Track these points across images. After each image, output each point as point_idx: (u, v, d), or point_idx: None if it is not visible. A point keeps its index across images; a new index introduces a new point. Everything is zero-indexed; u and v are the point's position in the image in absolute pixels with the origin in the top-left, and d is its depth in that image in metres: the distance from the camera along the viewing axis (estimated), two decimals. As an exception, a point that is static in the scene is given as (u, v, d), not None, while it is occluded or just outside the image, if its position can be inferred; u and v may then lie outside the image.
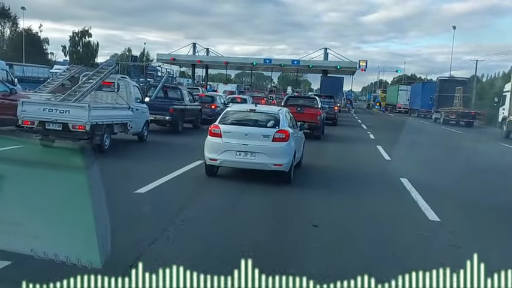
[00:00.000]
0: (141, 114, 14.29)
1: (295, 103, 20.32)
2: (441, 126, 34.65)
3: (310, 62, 63.68)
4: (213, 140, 8.99)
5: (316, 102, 20.61)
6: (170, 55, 66.36)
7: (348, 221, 6.82)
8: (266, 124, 9.17)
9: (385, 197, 8.70)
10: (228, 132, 8.94)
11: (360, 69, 64.35)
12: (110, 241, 2.76)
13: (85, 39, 73.50)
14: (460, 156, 16.47)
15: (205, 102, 22.49)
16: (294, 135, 9.63)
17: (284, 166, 8.82)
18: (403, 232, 6.38)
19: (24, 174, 2.91)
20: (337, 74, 61.73)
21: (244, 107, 11.08)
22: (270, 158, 8.72)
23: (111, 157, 11.00)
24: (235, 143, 8.74)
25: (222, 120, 9.36)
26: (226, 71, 74.44)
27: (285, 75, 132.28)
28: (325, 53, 65.90)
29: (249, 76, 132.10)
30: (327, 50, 66.34)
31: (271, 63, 65.31)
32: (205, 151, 9.02)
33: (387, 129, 26.45)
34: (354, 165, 12.94)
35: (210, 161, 8.97)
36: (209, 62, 68.02)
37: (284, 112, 9.91)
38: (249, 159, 8.72)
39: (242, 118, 9.47)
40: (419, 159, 14.81)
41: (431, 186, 9.56)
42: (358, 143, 19.22)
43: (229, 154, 8.74)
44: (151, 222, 6.08)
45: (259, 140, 8.77)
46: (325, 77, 56.28)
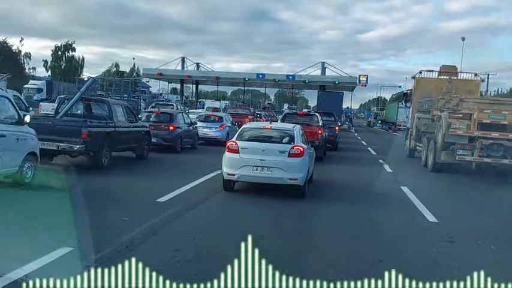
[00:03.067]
0: (12, 144, 8.12)
1: (294, 121, 16.04)
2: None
3: (306, 77, 57.79)
4: (230, 156, 9.25)
5: (317, 119, 17.92)
6: (157, 70, 60.30)
7: None
8: (281, 140, 9.54)
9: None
10: (246, 148, 9.22)
11: (360, 84, 58.49)
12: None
13: (68, 53, 67.35)
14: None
15: (160, 122, 16.25)
16: (308, 150, 9.89)
17: (299, 180, 9.11)
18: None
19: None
20: (336, 89, 55.79)
21: (260, 125, 12.28)
22: (286, 172, 9.00)
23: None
24: (253, 158, 9.03)
25: (239, 136, 9.66)
26: (218, 86, 68.51)
27: (281, 92, 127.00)
28: (323, 68, 59.95)
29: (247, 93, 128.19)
30: (325, 65, 60.58)
31: (265, 79, 59.27)
32: (223, 166, 9.25)
33: (401, 155, 20.16)
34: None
35: (228, 176, 9.21)
36: (199, 77, 61.99)
37: (298, 129, 10.18)
38: (266, 174, 9.01)
39: (258, 134, 9.83)
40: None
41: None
42: (373, 186, 11.93)
43: (247, 169, 9.04)
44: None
45: (275, 155, 9.10)
46: (323, 92, 50.05)
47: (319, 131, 16.36)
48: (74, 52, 67.99)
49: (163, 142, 15.78)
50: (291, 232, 6.98)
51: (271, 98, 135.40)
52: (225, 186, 9.45)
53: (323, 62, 60.61)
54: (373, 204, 9.29)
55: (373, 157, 19.61)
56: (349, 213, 8.48)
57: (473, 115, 13.62)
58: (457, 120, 13.82)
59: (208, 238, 6.25)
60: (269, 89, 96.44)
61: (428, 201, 9.49)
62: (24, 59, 66.30)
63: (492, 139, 13.49)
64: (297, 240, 6.57)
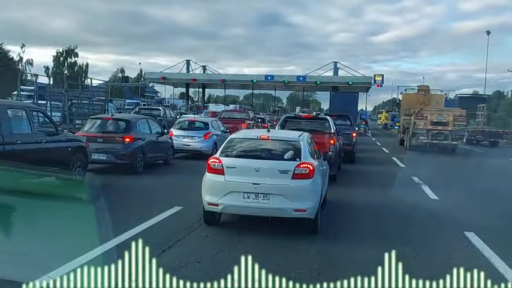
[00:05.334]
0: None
1: (297, 127, 12.43)
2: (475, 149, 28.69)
3: (317, 78, 52.91)
4: (212, 178, 6.77)
5: (329, 125, 13.35)
6: (161, 74, 55.96)
7: None
8: (283, 155, 6.87)
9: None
10: (233, 167, 6.69)
11: (376, 84, 53.17)
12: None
13: (71, 59, 63.47)
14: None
15: (113, 133, 11.68)
16: (319, 167, 7.31)
17: (309, 212, 6.55)
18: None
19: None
20: (349, 90, 50.84)
21: (254, 134, 8.08)
22: (290, 201, 6.47)
23: None
24: (243, 182, 6.54)
25: (224, 151, 6.98)
26: (225, 90, 63.86)
27: (294, 95, 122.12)
28: (335, 68, 55.03)
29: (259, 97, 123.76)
30: (337, 65, 55.67)
31: (274, 80, 54.55)
32: (203, 193, 6.82)
33: (439, 170, 15.59)
34: None
35: (210, 206, 6.73)
36: (204, 81, 57.45)
37: (306, 138, 7.46)
38: (262, 204, 6.49)
39: (251, 148, 7.10)
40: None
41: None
42: (411, 218, 8.47)
43: (235, 197, 6.55)
44: None
45: (274, 177, 6.56)
46: (336, 92, 45.08)
47: (331, 140, 11.77)
48: (76, 58, 63.92)
49: (115, 160, 11.25)
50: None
51: (284, 101, 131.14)
52: (206, 219, 7.02)
53: (335, 62, 55.66)
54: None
55: (403, 172, 14.77)
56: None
57: (428, 117, 22.93)
58: (419, 120, 23.18)
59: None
60: (281, 92, 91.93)
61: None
62: (26, 66, 63.03)
63: (437, 130, 22.71)
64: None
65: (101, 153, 11.16)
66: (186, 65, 57.72)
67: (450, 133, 22.51)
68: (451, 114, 23.19)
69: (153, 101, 60.68)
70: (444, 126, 22.48)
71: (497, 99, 57.78)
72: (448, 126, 22.47)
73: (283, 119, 13.95)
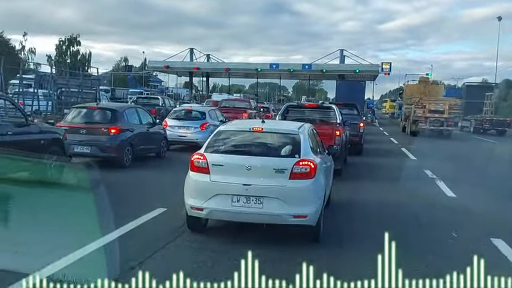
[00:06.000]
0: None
1: (299, 117, 11.54)
2: (482, 138, 28.58)
3: (323, 66, 51.59)
4: (196, 178, 5.72)
5: (334, 114, 12.18)
6: (164, 62, 54.85)
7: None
8: (279, 151, 5.85)
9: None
10: (220, 165, 5.64)
11: (383, 72, 51.85)
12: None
13: (73, 48, 62.44)
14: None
15: (97, 123, 10.68)
16: (323, 164, 6.21)
17: (310, 217, 5.52)
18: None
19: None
20: (356, 79, 49.52)
21: (245, 125, 6.68)
22: (288, 205, 5.44)
23: None
24: (231, 183, 5.49)
25: (210, 146, 5.94)
26: (229, 79, 62.65)
27: (300, 84, 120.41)
28: (342, 56, 53.70)
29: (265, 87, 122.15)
30: (344, 53, 54.27)
31: (279, 69, 53.32)
32: (186, 195, 5.76)
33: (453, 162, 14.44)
34: None
35: (194, 211, 5.69)
36: (208, 69, 56.29)
37: (307, 130, 6.31)
38: (254, 209, 5.44)
39: (242, 142, 5.99)
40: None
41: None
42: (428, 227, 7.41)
43: (222, 200, 5.52)
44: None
45: (269, 176, 5.53)
46: (342, 80, 43.74)
47: (337, 131, 10.68)
48: (79, 46, 62.85)
49: (100, 153, 10.23)
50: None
51: (289, 90, 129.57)
52: (189, 224, 6.00)
53: (342, 50, 54.32)
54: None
55: (415, 165, 13.64)
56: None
57: (426, 106, 25.20)
58: (418, 109, 25.45)
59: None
60: (287, 81, 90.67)
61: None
62: (28, 54, 62.12)
63: (435, 118, 24.93)
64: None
65: (84, 145, 10.17)
66: (190, 53, 56.59)
67: (446, 120, 25.00)
68: (447, 103, 25.71)
69: (156, 90, 59.57)
70: (441, 114, 24.91)
71: (506, 88, 56.36)
72: (444, 114, 24.93)
73: (285, 108, 12.83)
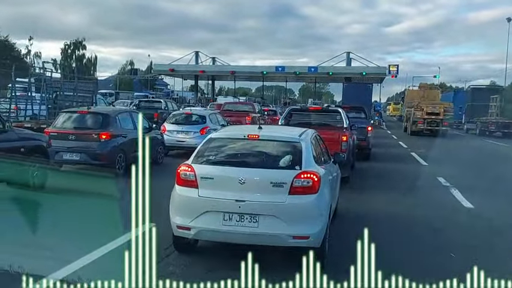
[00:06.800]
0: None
1: (303, 121, 11.05)
2: (490, 140, 28.47)
3: (330, 69, 50.83)
4: (183, 193, 5.02)
5: (340, 118, 11.41)
6: (169, 66, 54.32)
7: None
8: (278, 161, 5.09)
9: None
10: (210, 178, 4.93)
11: (391, 75, 51.04)
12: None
13: (79, 52, 62.17)
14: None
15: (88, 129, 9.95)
16: (328, 176, 5.50)
17: (313, 239, 4.72)
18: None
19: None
20: (363, 81, 48.70)
21: (240, 132, 5.90)
22: (287, 224, 4.70)
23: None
24: (223, 199, 4.79)
25: (199, 156, 5.21)
26: (235, 82, 62.11)
27: (306, 87, 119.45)
28: (348, 58, 52.91)
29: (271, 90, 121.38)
30: (350, 55, 53.45)
31: (285, 72, 52.61)
32: (171, 212, 5.03)
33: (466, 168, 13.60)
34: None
35: (179, 230, 4.97)
36: (213, 72, 55.70)
37: (309, 137, 5.60)
38: (248, 228, 4.72)
39: (235, 151, 5.31)
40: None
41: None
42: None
43: (212, 218, 4.80)
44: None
45: (265, 191, 4.80)
46: (349, 83, 42.89)
47: (344, 136, 9.92)
48: (84, 50, 62.60)
49: (90, 160, 9.53)
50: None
51: (296, 93, 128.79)
52: (176, 246, 5.26)
53: (348, 53, 53.52)
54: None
55: (427, 172, 12.81)
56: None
57: (424, 109, 28.78)
58: (417, 111, 29.06)
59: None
60: (293, 84, 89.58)
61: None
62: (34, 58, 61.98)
63: (431, 119, 28.52)
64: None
65: (73, 152, 9.49)
66: (195, 56, 55.98)
67: (441, 121, 28.73)
68: (442, 106, 29.60)
69: (162, 94, 59.08)
70: (436, 115, 28.63)
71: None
72: (439, 115, 28.68)
73: (288, 112, 12.06)
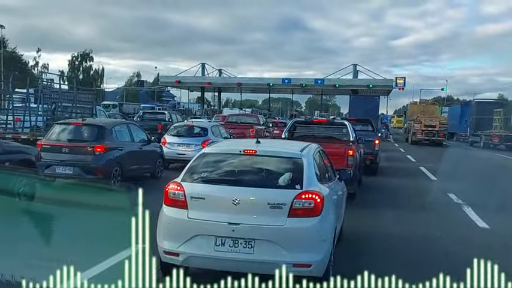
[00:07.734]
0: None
1: (307, 134, 10.82)
2: (496, 153, 27.79)
3: (336, 81, 50.49)
4: (170, 215, 4.52)
5: (346, 131, 10.89)
6: (175, 77, 54.23)
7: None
8: (276, 180, 4.55)
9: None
10: (201, 198, 4.44)
11: (397, 87, 50.64)
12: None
13: (86, 63, 62.29)
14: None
15: (82, 141, 9.52)
16: (332, 196, 4.96)
17: (315, 267, 4.24)
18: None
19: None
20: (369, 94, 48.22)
21: (235, 147, 5.23)
22: (286, 251, 4.19)
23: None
24: (215, 221, 4.29)
25: (190, 173, 4.70)
26: (241, 93, 61.98)
27: (313, 100, 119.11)
28: (355, 71, 52.58)
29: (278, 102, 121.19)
30: (357, 67, 53.10)
31: (291, 84, 52.38)
32: (158, 235, 4.44)
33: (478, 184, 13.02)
34: None
35: (167, 256, 4.43)
36: (220, 84, 55.57)
37: (312, 153, 5.05)
38: (243, 255, 4.23)
39: (229, 168, 4.78)
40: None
41: None
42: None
43: (203, 243, 4.31)
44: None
45: (262, 213, 4.30)
46: (355, 95, 42.50)
47: (350, 151, 9.39)
48: (91, 62, 62.71)
49: (84, 174, 9.07)
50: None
51: (302, 105, 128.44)
52: (164, 272, 4.22)
53: (355, 65, 53.26)
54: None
55: (437, 188, 12.22)
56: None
57: (422, 121, 32.83)
58: (417, 124, 33.26)
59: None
60: (300, 96, 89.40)
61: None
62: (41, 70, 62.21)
63: (428, 130, 32.51)
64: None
65: (66, 166, 9.05)
66: (202, 68, 55.91)
67: (437, 132, 32.41)
68: (438, 120, 33.83)
69: (168, 105, 58.93)
70: (433, 127, 32.51)
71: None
72: (435, 127, 32.51)
73: (291, 124, 11.57)
